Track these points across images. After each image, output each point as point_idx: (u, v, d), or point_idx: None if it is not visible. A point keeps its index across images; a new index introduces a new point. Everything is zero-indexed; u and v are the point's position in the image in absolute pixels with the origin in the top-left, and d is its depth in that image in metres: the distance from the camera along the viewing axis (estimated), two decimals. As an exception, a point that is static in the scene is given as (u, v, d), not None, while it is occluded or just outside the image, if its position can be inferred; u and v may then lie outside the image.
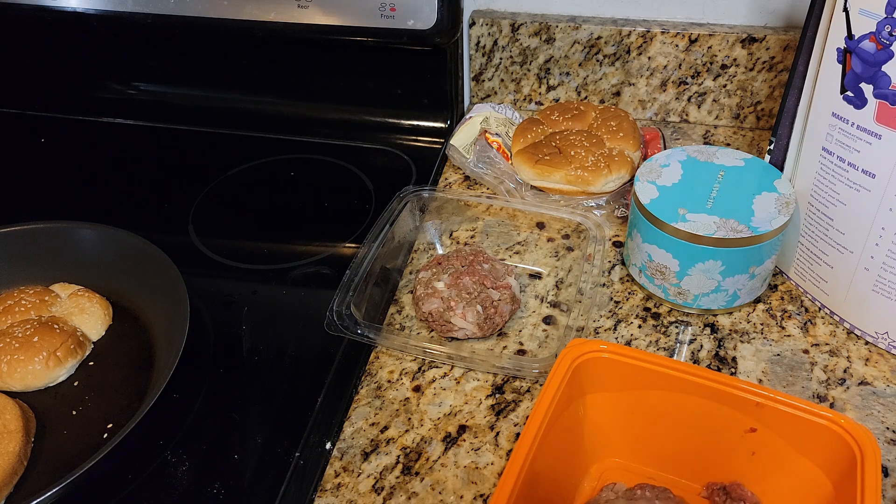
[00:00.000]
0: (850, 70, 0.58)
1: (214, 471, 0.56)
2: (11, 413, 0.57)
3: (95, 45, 0.98)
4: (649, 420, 0.54)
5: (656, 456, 0.55)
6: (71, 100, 1.02)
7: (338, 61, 0.92)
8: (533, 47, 0.91)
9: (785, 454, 0.50)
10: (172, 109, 0.99)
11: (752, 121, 0.91)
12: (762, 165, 0.69)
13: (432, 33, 0.82)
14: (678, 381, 0.51)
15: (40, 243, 0.72)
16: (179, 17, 0.87)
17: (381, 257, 0.69)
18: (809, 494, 0.49)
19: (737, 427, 0.51)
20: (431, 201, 0.77)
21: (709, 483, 0.53)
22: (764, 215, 0.63)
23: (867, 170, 0.59)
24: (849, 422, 0.47)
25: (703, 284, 0.65)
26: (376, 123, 0.95)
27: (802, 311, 0.68)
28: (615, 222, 0.78)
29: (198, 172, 0.89)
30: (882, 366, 0.62)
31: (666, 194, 0.65)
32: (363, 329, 0.62)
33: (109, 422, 0.59)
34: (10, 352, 0.62)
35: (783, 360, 0.63)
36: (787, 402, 0.49)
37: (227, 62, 0.96)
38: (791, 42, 0.84)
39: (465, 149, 0.85)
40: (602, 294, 0.70)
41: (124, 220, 0.72)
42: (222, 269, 0.74)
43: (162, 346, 0.64)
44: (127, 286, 0.70)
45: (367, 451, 0.57)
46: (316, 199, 0.85)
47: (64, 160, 0.95)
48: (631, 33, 0.87)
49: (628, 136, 0.80)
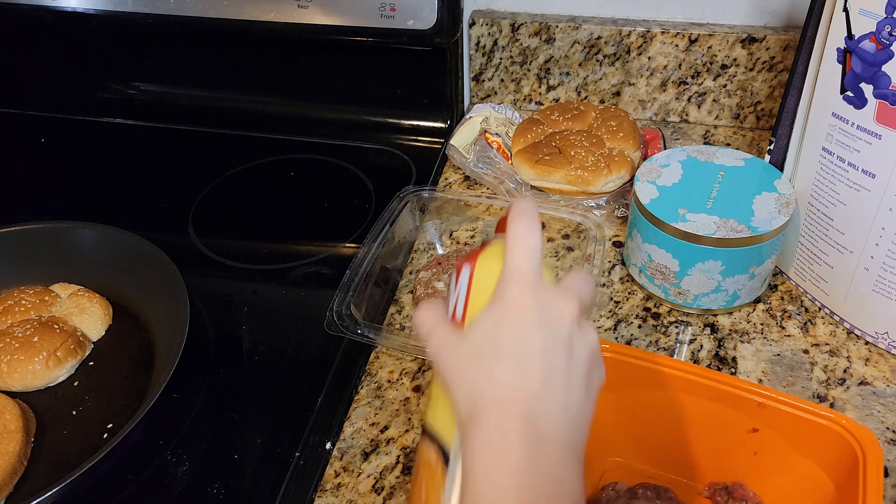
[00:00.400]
0: (850, 70, 0.58)
1: (214, 471, 0.56)
2: (11, 413, 0.57)
3: (95, 45, 0.98)
4: (651, 420, 0.54)
5: (658, 456, 0.55)
6: (71, 100, 1.02)
7: (338, 61, 0.92)
8: (533, 47, 0.91)
9: (787, 454, 0.50)
10: (172, 109, 0.99)
11: (752, 121, 0.91)
12: (762, 165, 0.69)
13: (432, 33, 0.82)
14: (680, 381, 0.51)
15: (40, 243, 0.72)
16: (179, 17, 0.87)
17: (381, 257, 0.69)
18: (811, 495, 0.49)
19: (739, 427, 0.51)
20: (431, 201, 0.77)
21: (710, 483, 0.53)
22: (764, 215, 0.63)
23: (867, 170, 0.59)
24: (851, 422, 0.47)
25: (703, 284, 0.65)
26: (376, 123, 0.95)
27: (802, 311, 0.68)
28: (615, 222, 0.78)
29: (198, 172, 0.89)
30: (882, 366, 0.62)
31: (666, 194, 0.65)
32: (363, 329, 0.62)
33: (109, 422, 0.59)
34: (10, 352, 0.62)
35: (783, 360, 0.63)
36: (789, 402, 0.49)
37: (227, 62, 0.96)
38: (791, 42, 0.84)
39: (465, 149, 0.85)
40: (602, 294, 0.70)
41: (124, 220, 0.72)
42: (222, 269, 0.74)
43: (162, 346, 0.64)
44: (127, 286, 0.70)
45: (368, 451, 0.57)
46: (316, 199, 0.85)
47: (64, 160, 0.95)
48: (631, 33, 0.87)
49: (628, 136, 0.80)
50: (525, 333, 0.36)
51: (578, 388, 0.37)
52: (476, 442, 0.35)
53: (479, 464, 0.34)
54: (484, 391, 0.36)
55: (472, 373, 0.36)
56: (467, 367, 0.37)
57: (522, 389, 0.35)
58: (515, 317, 0.37)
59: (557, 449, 0.35)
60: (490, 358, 0.36)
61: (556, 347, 0.37)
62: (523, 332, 0.36)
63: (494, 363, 0.36)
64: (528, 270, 0.38)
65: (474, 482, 0.34)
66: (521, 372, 0.36)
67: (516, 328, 0.37)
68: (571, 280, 0.40)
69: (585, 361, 0.38)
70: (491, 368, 0.36)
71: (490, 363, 0.36)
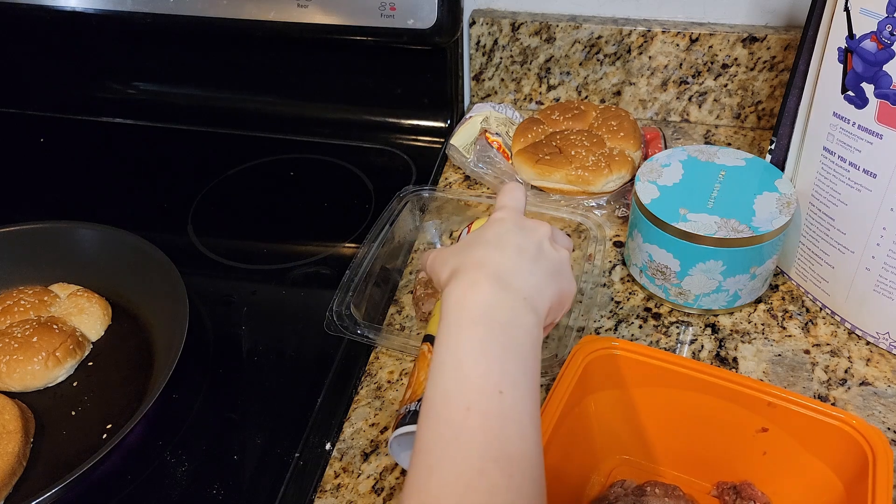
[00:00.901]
0: (851, 69, 0.58)
1: (214, 471, 0.56)
2: (10, 413, 0.57)
3: (95, 45, 0.98)
4: (660, 418, 0.54)
5: (666, 454, 0.55)
6: (71, 99, 1.02)
7: (338, 61, 0.92)
8: (533, 47, 0.91)
9: (796, 454, 0.50)
10: (172, 109, 0.99)
11: (753, 120, 0.91)
12: (763, 165, 0.68)
13: (432, 32, 0.82)
14: (690, 380, 0.51)
15: (39, 243, 0.72)
16: (179, 17, 0.86)
17: (381, 257, 0.69)
18: (820, 495, 0.49)
19: (748, 426, 0.51)
20: (431, 201, 0.77)
21: (719, 482, 0.53)
22: (765, 215, 0.63)
23: (868, 169, 0.59)
24: (861, 423, 0.47)
25: (703, 284, 0.65)
26: (376, 123, 0.95)
27: (803, 311, 0.68)
28: (616, 222, 0.77)
29: (197, 172, 0.89)
30: (883, 366, 0.62)
31: (667, 194, 0.65)
32: (363, 329, 0.62)
33: (109, 422, 0.59)
34: (9, 352, 0.62)
35: (784, 361, 0.63)
36: (799, 402, 0.49)
37: (226, 62, 0.96)
38: (792, 41, 0.84)
39: (465, 148, 0.85)
40: (603, 294, 0.70)
41: (124, 220, 0.72)
42: (222, 269, 0.74)
43: (161, 346, 0.64)
44: (126, 286, 0.70)
45: (367, 452, 0.57)
46: (316, 199, 0.85)
47: (64, 160, 0.95)
48: (632, 33, 0.87)
49: (629, 136, 0.80)
50: (503, 232, 0.45)
51: (543, 273, 0.44)
52: (453, 288, 0.41)
53: (453, 299, 0.40)
54: (464, 262, 0.43)
55: (457, 257, 0.44)
56: (453, 255, 0.44)
57: (496, 259, 0.43)
58: (496, 224, 0.46)
59: (517, 299, 0.41)
60: (472, 246, 0.44)
61: (528, 245, 0.45)
62: (502, 231, 0.45)
63: (475, 248, 0.44)
64: (513, 206, 0.48)
65: (447, 314, 0.40)
66: (497, 250, 0.43)
67: (496, 229, 0.46)
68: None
69: (552, 263, 0.45)
70: (472, 251, 0.44)
71: (472, 249, 0.44)
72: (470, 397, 0.36)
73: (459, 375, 0.37)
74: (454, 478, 0.34)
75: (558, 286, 0.45)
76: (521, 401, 0.37)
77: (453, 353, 0.38)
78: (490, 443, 0.35)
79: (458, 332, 0.39)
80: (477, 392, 0.36)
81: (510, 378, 0.37)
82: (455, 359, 0.38)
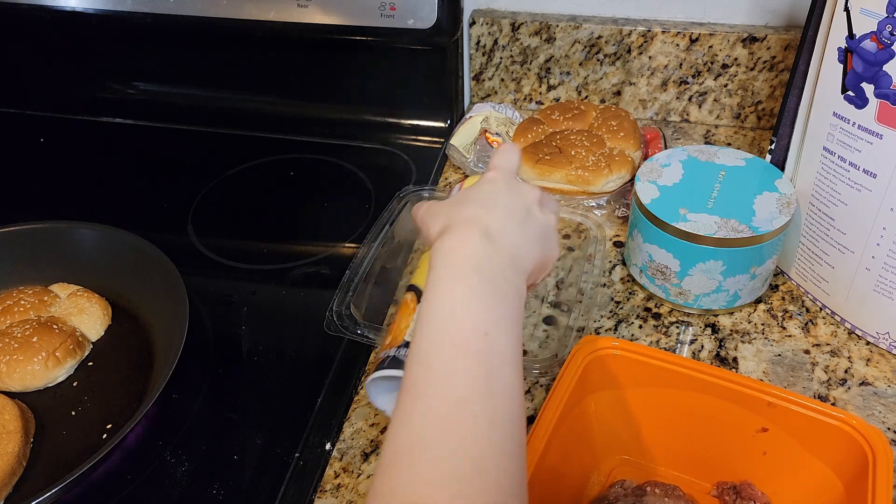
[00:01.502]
0: (851, 69, 0.58)
1: (214, 471, 0.56)
2: (10, 413, 0.57)
3: (95, 44, 0.98)
4: (660, 418, 0.54)
5: (666, 454, 0.55)
6: (70, 100, 1.02)
7: (337, 61, 0.92)
8: (533, 47, 0.91)
9: (796, 454, 0.50)
10: (172, 109, 0.99)
11: (753, 120, 0.91)
12: (763, 165, 0.68)
13: (432, 33, 0.82)
14: (690, 380, 0.51)
15: (39, 243, 0.72)
16: (179, 17, 0.87)
17: (381, 257, 0.69)
18: (820, 495, 0.49)
19: (748, 426, 0.51)
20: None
21: (719, 482, 0.53)
22: (765, 215, 0.63)
23: (868, 169, 0.59)
24: (861, 423, 0.47)
25: (703, 284, 0.65)
26: (376, 123, 0.94)
27: (803, 311, 0.68)
28: (616, 222, 0.77)
29: (197, 172, 0.89)
30: (883, 366, 0.62)
31: (667, 194, 0.65)
32: (363, 329, 0.62)
33: (109, 422, 0.59)
34: (9, 352, 0.62)
35: (784, 361, 0.63)
36: (799, 402, 0.49)
37: (226, 62, 0.96)
38: (792, 41, 0.84)
39: (465, 148, 0.85)
40: (603, 294, 0.70)
41: (123, 220, 0.72)
42: (222, 269, 0.74)
43: (161, 346, 0.64)
44: (126, 286, 0.70)
45: (367, 452, 0.57)
46: (316, 200, 0.85)
47: (63, 160, 0.95)
48: (632, 33, 0.87)
49: (629, 136, 0.80)
50: (494, 191, 0.47)
51: (530, 235, 0.46)
52: (444, 241, 0.43)
53: (442, 253, 0.42)
54: (456, 217, 0.44)
55: (448, 213, 0.45)
56: (445, 210, 0.46)
57: (486, 217, 0.44)
58: (488, 184, 0.47)
59: (504, 256, 0.42)
60: (462, 204, 0.46)
61: (517, 206, 0.46)
62: (493, 191, 0.47)
63: (467, 205, 0.45)
64: (505, 167, 0.49)
65: (438, 265, 0.41)
66: (487, 209, 0.45)
67: (488, 188, 0.47)
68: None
69: (539, 227, 0.47)
70: (464, 207, 0.45)
71: (463, 206, 0.45)
72: (458, 338, 0.38)
73: (450, 320, 0.39)
74: (438, 408, 0.36)
75: (542, 249, 0.47)
76: (506, 345, 0.39)
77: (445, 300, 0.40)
78: (476, 380, 0.37)
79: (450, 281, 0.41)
80: (465, 333, 0.39)
81: (496, 323, 0.40)
82: (446, 305, 0.40)
